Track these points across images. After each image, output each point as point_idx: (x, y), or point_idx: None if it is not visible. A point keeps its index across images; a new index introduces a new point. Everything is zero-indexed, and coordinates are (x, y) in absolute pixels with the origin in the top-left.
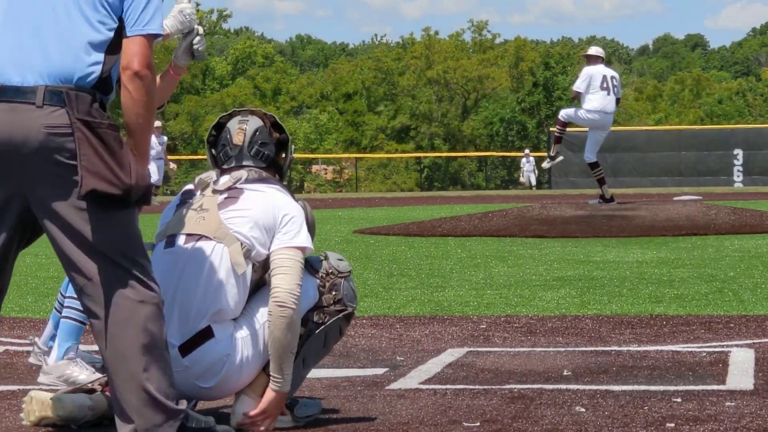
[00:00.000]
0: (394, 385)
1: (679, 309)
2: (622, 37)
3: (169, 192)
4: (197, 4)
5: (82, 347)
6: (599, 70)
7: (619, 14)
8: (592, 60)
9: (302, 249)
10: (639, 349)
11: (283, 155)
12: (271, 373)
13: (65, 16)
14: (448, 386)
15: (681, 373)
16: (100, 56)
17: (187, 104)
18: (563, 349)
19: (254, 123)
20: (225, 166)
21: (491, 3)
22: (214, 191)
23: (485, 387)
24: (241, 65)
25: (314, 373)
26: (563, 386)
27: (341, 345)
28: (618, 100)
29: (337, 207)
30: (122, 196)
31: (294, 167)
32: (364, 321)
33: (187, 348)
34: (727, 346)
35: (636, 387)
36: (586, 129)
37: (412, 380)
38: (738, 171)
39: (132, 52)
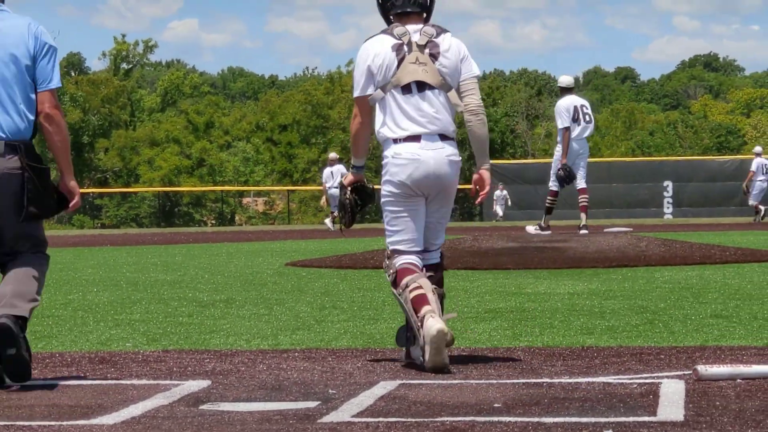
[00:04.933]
0: (327, 419)
1: (611, 340)
2: (552, 69)
3: (99, 225)
4: (123, 36)
5: None
6: (571, 101)
7: (548, 47)
8: (565, 91)
9: (478, 76)
10: (570, 380)
11: (429, 2)
12: (482, 157)
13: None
14: (381, 419)
15: (612, 405)
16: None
17: (116, 139)
18: (495, 381)
19: None
20: (393, 13)
21: None
22: (419, 46)
23: (417, 420)
24: (170, 97)
25: (245, 406)
26: (495, 418)
27: (273, 378)
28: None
29: (269, 239)
30: (47, 215)
31: (225, 199)
32: (296, 354)
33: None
34: (658, 377)
35: (568, 419)
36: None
37: (344, 413)
38: (668, 203)
39: (45, 100)
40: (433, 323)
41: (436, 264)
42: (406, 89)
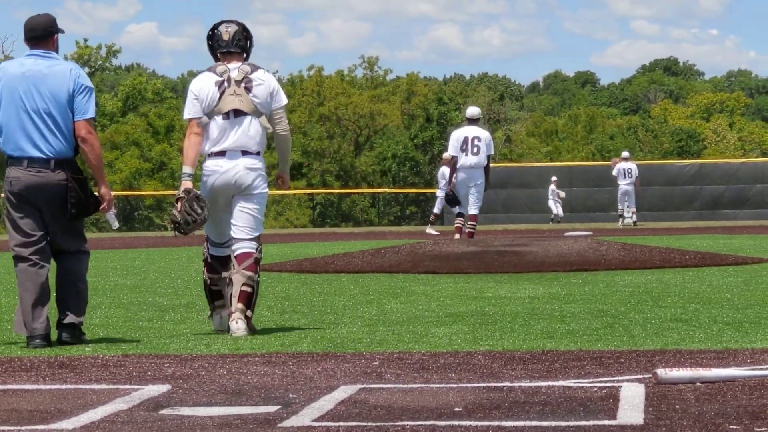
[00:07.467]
0: (287, 423)
1: (571, 344)
2: (512, 73)
3: None
4: (85, 40)
5: None
6: (464, 132)
7: (509, 51)
8: (471, 122)
9: (285, 106)
10: (531, 384)
11: (249, 44)
12: (283, 165)
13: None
14: (341, 423)
15: (572, 409)
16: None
17: None
18: (456, 386)
19: (234, 27)
20: (219, 51)
21: (379, 38)
22: (236, 81)
23: (378, 424)
24: (131, 102)
25: (205, 411)
26: (456, 422)
27: (233, 382)
28: (487, 157)
29: None
30: (86, 215)
31: None
32: (256, 358)
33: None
34: (618, 381)
35: (528, 423)
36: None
37: (304, 418)
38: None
39: (81, 127)
40: (217, 320)
41: (244, 253)
42: (225, 116)
